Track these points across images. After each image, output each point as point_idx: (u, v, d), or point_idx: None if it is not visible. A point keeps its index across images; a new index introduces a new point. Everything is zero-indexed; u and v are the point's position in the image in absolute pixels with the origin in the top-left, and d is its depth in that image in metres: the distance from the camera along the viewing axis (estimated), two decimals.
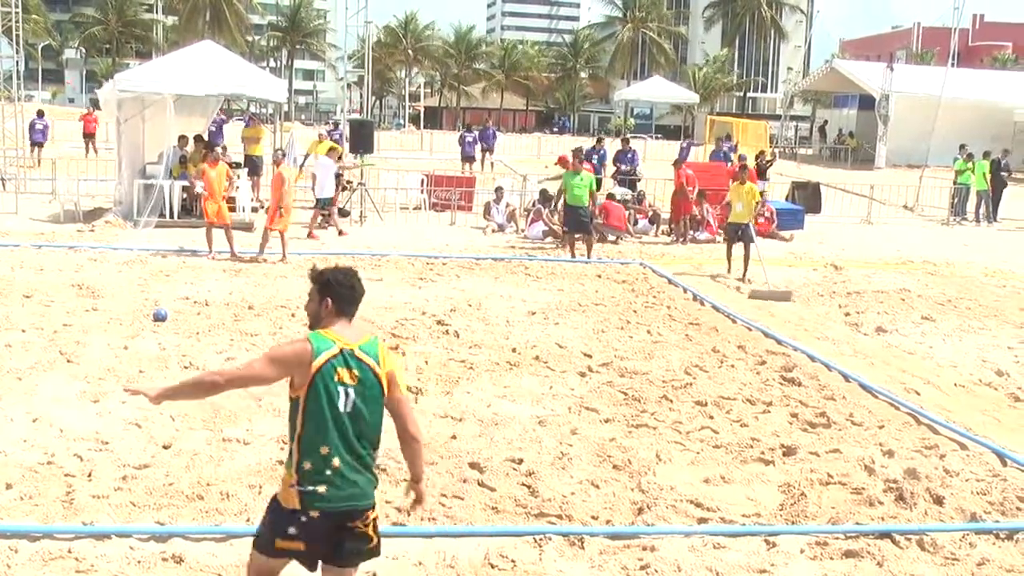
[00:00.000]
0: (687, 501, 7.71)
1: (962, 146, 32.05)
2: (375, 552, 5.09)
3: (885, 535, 7.22)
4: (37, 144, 32.89)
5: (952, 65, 41.48)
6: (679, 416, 9.80)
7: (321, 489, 4.84)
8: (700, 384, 10.91)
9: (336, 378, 4.83)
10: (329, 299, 5.02)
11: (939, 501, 7.88)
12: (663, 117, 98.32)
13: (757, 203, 18.55)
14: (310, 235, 20.46)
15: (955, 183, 30.23)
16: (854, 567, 6.82)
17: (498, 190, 23.85)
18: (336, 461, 4.84)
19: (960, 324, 14.84)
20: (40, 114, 34.20)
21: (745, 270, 17.77)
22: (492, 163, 38.87)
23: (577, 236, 19.30)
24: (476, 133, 38.88)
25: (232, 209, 19.16)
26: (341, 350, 4.87)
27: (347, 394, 4.84)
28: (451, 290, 15.63)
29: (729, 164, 28.27)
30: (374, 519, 5.00)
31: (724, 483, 8.17)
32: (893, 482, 8.17)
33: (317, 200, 21.29)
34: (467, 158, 36.45)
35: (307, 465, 4.86)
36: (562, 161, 19.13)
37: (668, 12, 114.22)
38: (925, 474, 8.35)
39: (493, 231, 22.57)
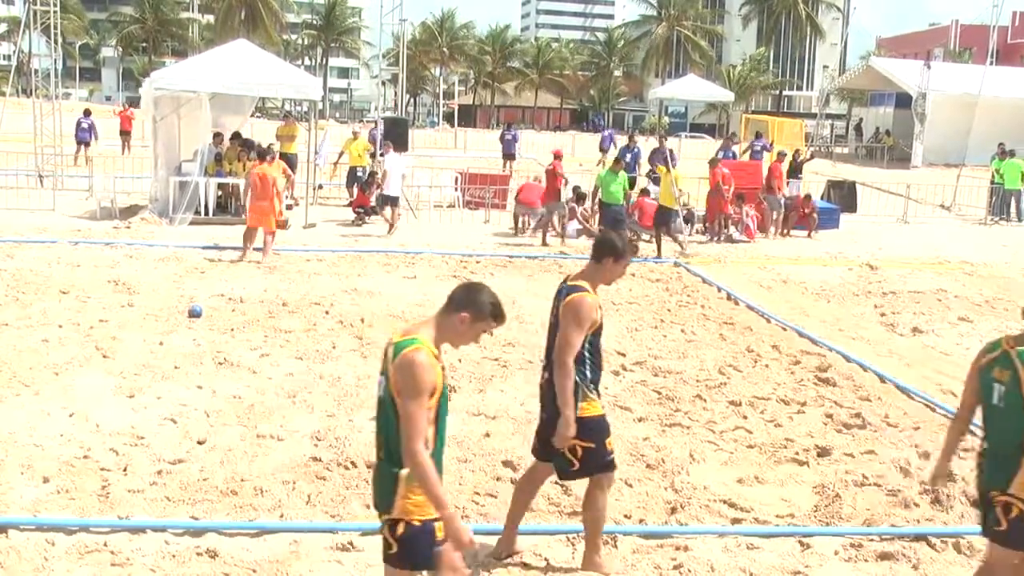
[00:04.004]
0: (720, 501, 7.68)
1: (1000, 144, 31.71)
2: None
3: (921, 537, 7.16)
4: (83, 143, 32.87)
5: (990, 63, 41.14)
6: (713, 416, 9.76)
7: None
8: (734, 384, 10.86)
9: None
10: None
11: (976, 504, 7.79)
12: (698, 116, 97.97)
13: (680, 190, 20.38)
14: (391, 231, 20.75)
15: (992, 182, 29.96)
16: (889, 570, 6.76)
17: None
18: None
19: (998, 325, 14.66)
20: (87, 113, 34.09)
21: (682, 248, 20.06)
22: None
23: None
24: (516, 132, 39.01)
25: None
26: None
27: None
28: None
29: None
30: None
31: (758, 483, 8.13)
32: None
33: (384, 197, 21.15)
34: (508, 156, 36.64)
35: None
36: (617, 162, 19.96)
37: (704, 11, 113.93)
38: (961, 476, 8.25)
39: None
